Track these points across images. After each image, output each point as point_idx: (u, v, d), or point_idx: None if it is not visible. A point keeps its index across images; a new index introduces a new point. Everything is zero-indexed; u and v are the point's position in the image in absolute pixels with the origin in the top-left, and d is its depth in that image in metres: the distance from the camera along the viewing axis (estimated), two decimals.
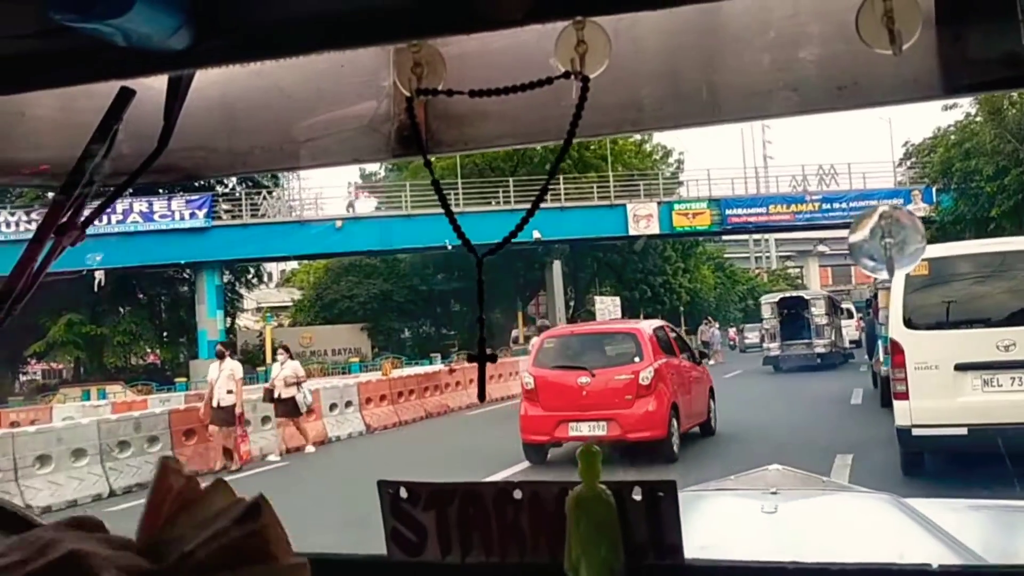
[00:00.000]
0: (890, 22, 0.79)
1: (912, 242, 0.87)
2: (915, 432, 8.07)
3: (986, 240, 10.42)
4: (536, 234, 33.99)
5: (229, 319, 37.21)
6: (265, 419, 13.50)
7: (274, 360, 13.22)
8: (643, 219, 33.53)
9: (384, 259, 40.89)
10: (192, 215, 31.84)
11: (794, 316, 25.32)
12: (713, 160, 60.78)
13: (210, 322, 32.86)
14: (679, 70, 0.97)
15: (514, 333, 34.56)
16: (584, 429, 10.07)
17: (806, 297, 27.63)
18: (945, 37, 0.84)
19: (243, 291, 40.33)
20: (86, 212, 0.98)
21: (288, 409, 13.01)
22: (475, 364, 0.92)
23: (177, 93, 0.93)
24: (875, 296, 15.89)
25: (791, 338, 25.20)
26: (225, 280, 38.07)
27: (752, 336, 38.94)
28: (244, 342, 36.54)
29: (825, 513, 2.53)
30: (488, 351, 0.93)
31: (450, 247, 34.26)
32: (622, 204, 33.56)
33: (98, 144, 0.93)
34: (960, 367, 7.98)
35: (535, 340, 12.72)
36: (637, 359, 10.58)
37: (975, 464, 7.32)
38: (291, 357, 13.69)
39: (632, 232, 33.58)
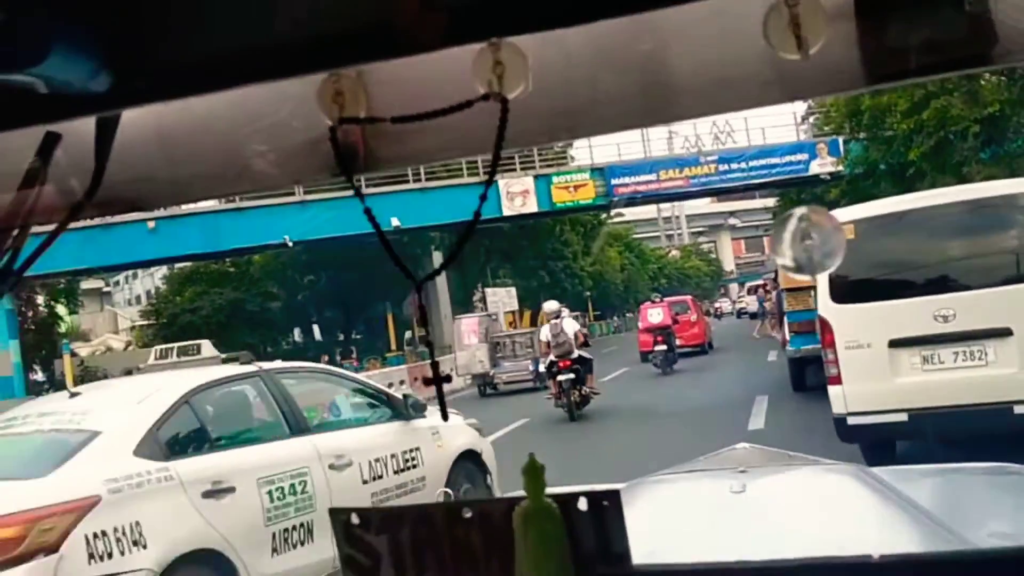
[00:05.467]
0: (796, 28, 0.81)
1: (832, 241, 0.89)
2: (850, 421, 7.22)
3: (916, 194, 8.52)
4: (395, 221, 29.09)
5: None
6: None
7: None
8: (518, 196, 28.98)
9: (236, 263, 35.45)
10: None
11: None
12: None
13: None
14: (609, 76, 0.99)
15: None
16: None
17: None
18: (866, 29, 0.88)
19: (65, 315, 34.38)
20: (22, 257, 1.01)
21: None
22: None
23: (105, 134, 0.96)
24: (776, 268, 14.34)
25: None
26: (40, 300, 32.33)
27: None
28: (60, 374, 30.49)
29: (790, 489, 2.71)
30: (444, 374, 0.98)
31: (291, 243, 29.18)
32: (494, 181, 28.73)
33: (27, 190, 0.96)
34: (895, 343, 7.11)
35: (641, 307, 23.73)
36: (690, 311, 27.05)
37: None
38: None
39: (506, 212, 28.93)
